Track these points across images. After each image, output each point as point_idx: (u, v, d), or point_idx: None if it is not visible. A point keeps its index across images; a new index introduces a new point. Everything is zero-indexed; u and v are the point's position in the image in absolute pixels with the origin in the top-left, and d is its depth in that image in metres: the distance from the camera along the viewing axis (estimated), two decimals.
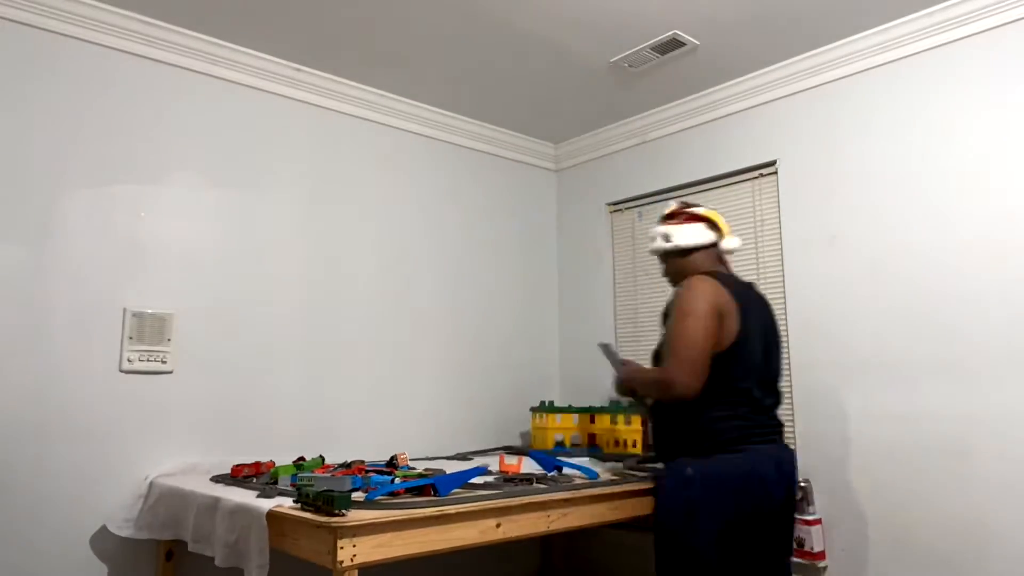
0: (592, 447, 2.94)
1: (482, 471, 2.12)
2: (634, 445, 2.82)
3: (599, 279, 3.56)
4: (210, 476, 2.29)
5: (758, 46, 2.71)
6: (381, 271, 3.09)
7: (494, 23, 2.54)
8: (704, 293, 2.02)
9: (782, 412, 2.17)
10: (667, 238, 2.22)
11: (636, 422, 2.84)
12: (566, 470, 2.30)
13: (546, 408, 3.05)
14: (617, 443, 2.84)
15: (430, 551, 1.71)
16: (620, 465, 2.52)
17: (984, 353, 2.28)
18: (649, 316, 3.31)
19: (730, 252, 2.25)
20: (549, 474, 2.25)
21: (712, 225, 2.23)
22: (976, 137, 2.37)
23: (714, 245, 2.22)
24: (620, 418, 2.87)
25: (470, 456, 2.99)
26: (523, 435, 3.42)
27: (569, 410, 3.02)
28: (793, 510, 2.12)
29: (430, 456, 3.00)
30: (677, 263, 2.23)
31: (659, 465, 2.19)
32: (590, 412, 2.98)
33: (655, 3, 2.42)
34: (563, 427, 3.01)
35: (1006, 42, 2.33)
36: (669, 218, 2.27)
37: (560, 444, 2.99)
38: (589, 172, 3.68)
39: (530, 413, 3.15)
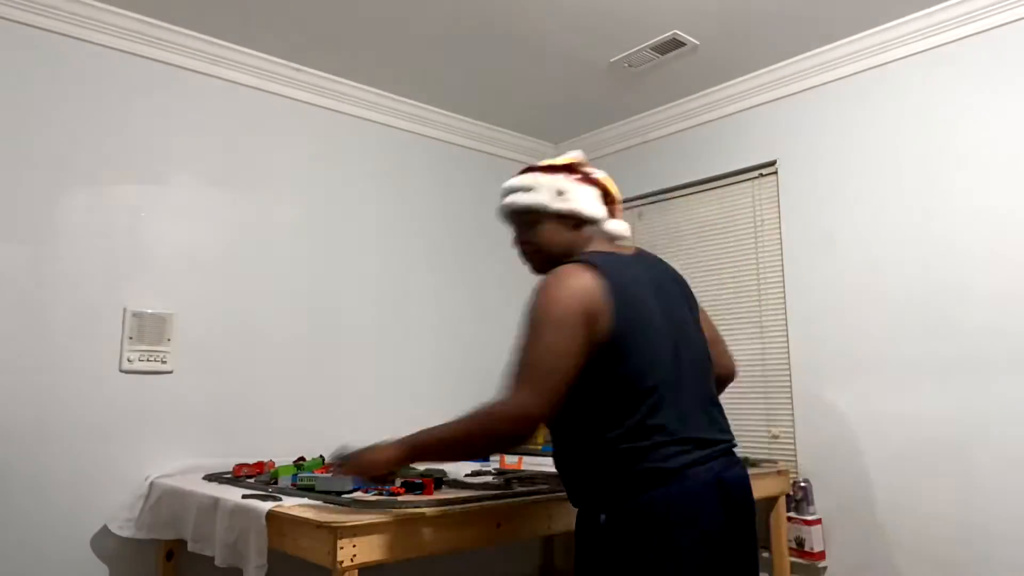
0: None
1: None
2: None
3: None
4: (210, 476, 2.28)
5: (758, 46, 2.71)
6: (381, 271, 3.09)
7: (494, 23, 2.54)
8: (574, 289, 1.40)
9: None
10: (561, 194, 1.56)
11: None
12: None
13: None
14: None
15: (430, 551, 1.71)
16: None
17: (984, 353, 2.28)
18: None
19: (618, 238, 1.62)
20: None
21: (606, 196, 1.62)
22: (976, 137, 2.37)
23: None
24: None
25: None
26: None
27: None
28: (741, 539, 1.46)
29: None
30: (564, 236, 1.58)
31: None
32: None
33: (655, 3, 2.42)
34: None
35: (1006, 42, 2.33)
36: (562, 170, 1.61)
37: (548, 444, 2.99)
38: None
39: None
